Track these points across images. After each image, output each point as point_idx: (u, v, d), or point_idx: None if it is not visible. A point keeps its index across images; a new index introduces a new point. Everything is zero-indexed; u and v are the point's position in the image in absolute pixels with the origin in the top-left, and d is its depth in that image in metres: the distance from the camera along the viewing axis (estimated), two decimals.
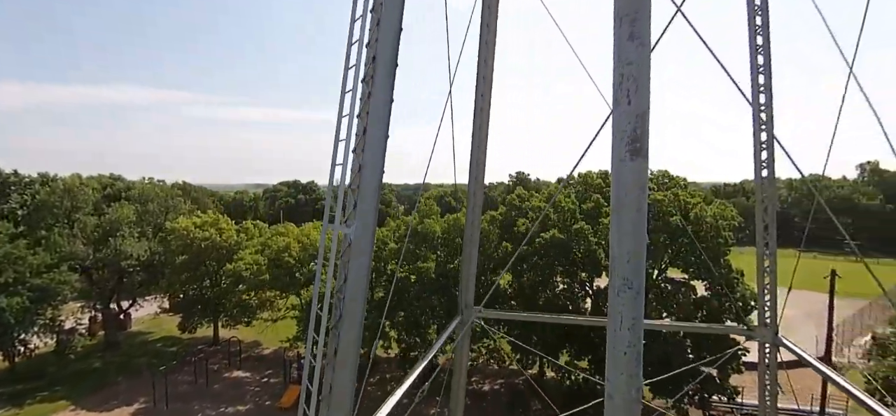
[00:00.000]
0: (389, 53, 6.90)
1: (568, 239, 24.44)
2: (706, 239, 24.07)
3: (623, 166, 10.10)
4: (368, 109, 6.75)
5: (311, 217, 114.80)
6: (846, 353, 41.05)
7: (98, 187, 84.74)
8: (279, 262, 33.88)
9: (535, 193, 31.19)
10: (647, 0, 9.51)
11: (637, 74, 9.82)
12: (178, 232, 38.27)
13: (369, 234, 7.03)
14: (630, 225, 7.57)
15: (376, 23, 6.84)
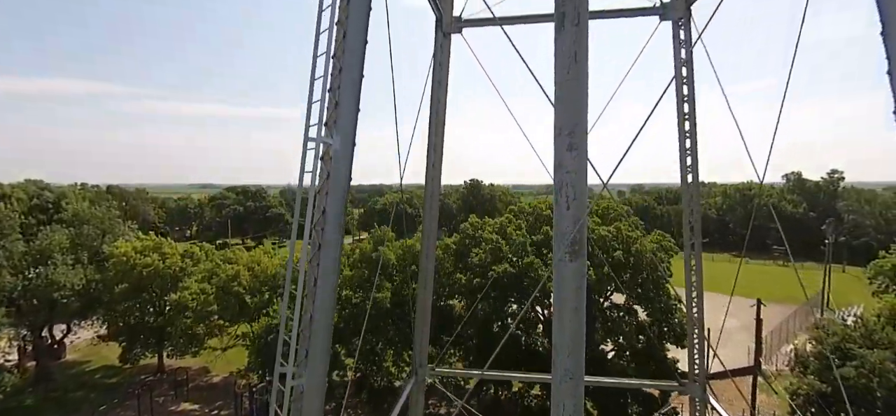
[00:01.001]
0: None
1: (519, 273, 25.22)
2: (647, 270, 25.48)
3: (563, 266, 10.67)
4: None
5: (261, 227, 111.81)
6: (774, 361, 44.29)
7: (24, 198, 79.20)
8: (228, 290, 32.92)
9: (488, 220, 31.82)
10: (583, 116, 10.14)
11: (575, 181, 10.43)
12: (118, 258, 36.43)
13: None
14: (569, 322, 8.11)
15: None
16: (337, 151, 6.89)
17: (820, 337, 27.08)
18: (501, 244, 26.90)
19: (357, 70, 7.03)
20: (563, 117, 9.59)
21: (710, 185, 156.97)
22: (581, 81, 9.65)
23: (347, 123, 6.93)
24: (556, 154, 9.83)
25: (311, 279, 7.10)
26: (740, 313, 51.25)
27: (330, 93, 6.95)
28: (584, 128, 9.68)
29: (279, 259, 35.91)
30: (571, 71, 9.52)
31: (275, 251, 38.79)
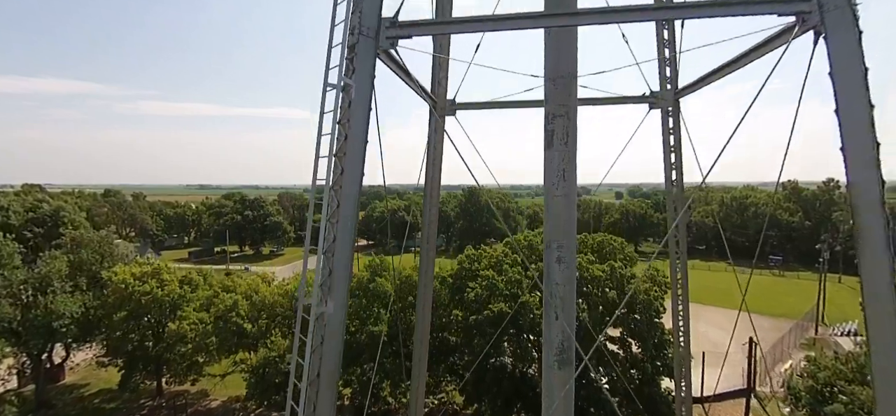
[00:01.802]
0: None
1: (515, 312, 25.51)
2: (640, 308, 25.79)
3: (551, 373, 10.97)
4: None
5: (260, 235, 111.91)
6: (769, 382, 44.58)
7: (21, 211, 79.19)
8: (227, 320, 33.13)
9: (485, 249, 32.09)
10: (571, 232, 10.41)
11: (564, 293, 10.70)
12: (116, 285, 36.61)
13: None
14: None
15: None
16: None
17: (811, 371, 27.39)
18: (497, 281, 27.17)
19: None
20: (553, 231, 9.89)
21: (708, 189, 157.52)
22: (570, 196, 9.94)
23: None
24: (545, 263, 10.11)
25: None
26: (738, 330, 51.52)
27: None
28: (572, 243, 9.97)
29: (277, 286, 36.12)
30: (560, 188, 9.82)
31: (273, 277, 38.96)
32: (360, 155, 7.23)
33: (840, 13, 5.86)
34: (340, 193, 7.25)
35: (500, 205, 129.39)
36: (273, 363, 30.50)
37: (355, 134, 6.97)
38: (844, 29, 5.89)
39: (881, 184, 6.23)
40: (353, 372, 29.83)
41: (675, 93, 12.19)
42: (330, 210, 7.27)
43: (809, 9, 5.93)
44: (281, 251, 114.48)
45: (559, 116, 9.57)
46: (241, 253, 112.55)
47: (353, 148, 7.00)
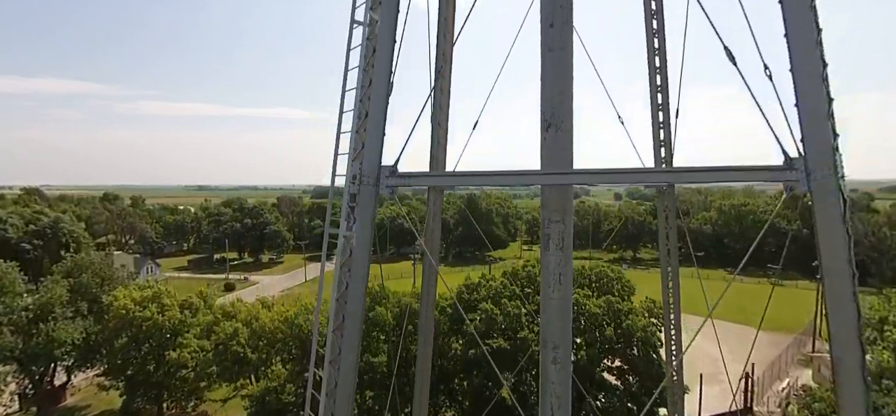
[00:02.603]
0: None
1: (513, 348, 25.74)
2: (638, 343, 26.05)
3: None
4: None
5: (259, 243, 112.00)
6: (766, 401, 44.85)
7: (19, 224, 79.29)
8: (227, 348, 33.35)
9: (484, 276, 32.31)
10: (567, 333, 10.65)
11: (560, 392, 10.94)
12: (117, 311, 36.79)
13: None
14: None
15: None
16: None
17: (807, 403, 27.69)
18: (495, 314, 27.40)
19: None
20: (549, 333, 10.11)
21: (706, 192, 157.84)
22: (566, 299, 10.16)
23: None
24: (542, 363, 10.34)
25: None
26: (733, 341, 51.48)
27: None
28: (568, 344, 10.20)
29: (277, 312, 36.34)
30: (556, 291, 10.04)
31: (273, 301, 39.18)
32: None
33: (827, 183, 6.10)
34: None
35: (500, 211, 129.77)
36: (273, 393, 30.70)
37: None
38: (830, 197, 6.13)
39: None
40: None
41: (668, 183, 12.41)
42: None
43: (797, 179, 6.16)
44: (280, 259, 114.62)
45: (555, 221, 9.78)
46: (240, 260, 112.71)
47: None
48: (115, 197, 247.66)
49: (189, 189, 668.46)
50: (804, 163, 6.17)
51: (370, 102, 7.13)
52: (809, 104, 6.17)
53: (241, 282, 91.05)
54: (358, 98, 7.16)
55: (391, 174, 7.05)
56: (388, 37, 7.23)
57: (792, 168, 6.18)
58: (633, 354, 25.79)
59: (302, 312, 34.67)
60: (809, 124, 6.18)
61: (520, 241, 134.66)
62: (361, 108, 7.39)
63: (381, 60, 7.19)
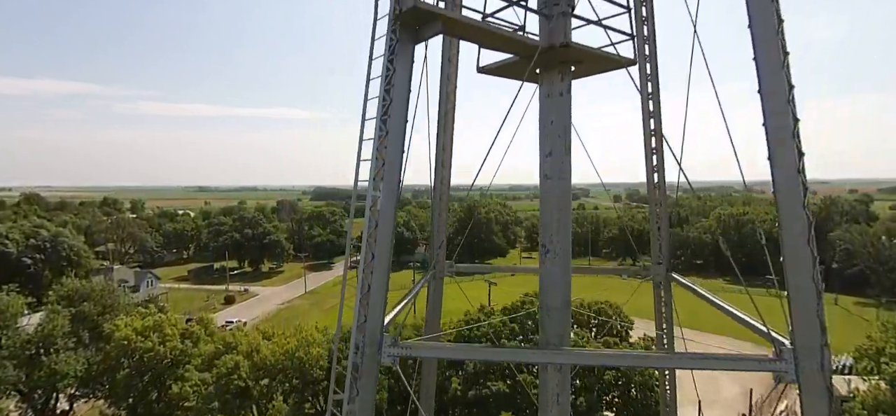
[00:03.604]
0: None
1: (513, 392, 25.94)
2: (636, 386, 26.27)
3: None
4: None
5: (258, 254, 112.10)
6: None
7: (20, 238, 79.44)
8: (228, 383, 33.49)
9: (484, 310, 32.49)
10: None
11: None
12: (118, 341, 36.95)
13: None
14: None
15: None
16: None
17: None
18: None
19: None
20: None
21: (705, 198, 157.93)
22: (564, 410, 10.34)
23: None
24: None
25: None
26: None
27: None
28: None
29: (278, 345, 36.44)
30: (554, 409, 10.24)
31: (272, 332, 39.26)
32: None
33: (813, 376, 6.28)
34: None
35: (499, 218, 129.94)
36: None
37: None
38: (817, 388, 6.30)
39: None
40: None
41: None
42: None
43: (786, 370, 6.34)
44: (280, 268, 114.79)
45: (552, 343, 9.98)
46: (240, 270, 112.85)
47: None
48: (114, 202, 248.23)
49: (189, 190, 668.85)
50: (793, 355, 6.34)
51: None
52: (801, 299, 6.42)
53: (240, 294, 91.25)
54: None
55: (393, 344, 7.23)
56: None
57: (781, 359, 6.36)
58: (631, 396, 26.00)
59: (302, 345, 34.89)
60: (799, 317, 6.37)
61: (519, 248, 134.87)
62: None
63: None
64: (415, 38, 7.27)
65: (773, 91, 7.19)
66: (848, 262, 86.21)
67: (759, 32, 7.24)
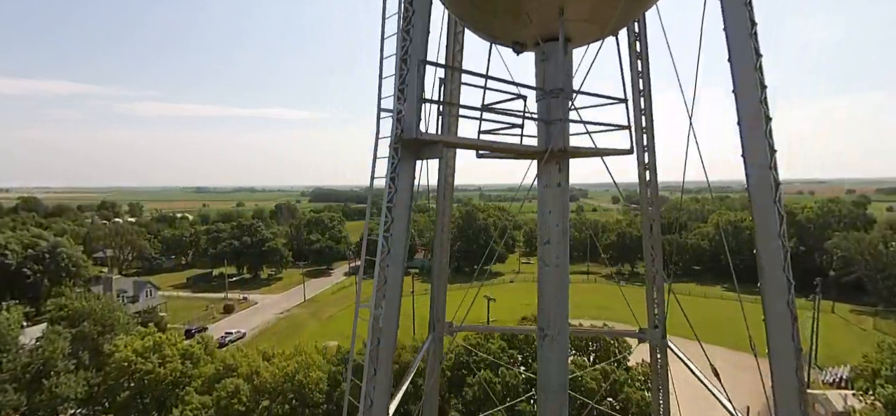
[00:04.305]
0: None
1: None
2: (635, 412, 26.46)
3: None
4: None
5: (257, 261, 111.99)
6: None
7: (18, 249, 79.32)
8: (229, 408, 33.62)
9: (482, 339, 32.62)
10: None
11: None
12: (118, 362, 37.06)
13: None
14: None
15: None
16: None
17: None
18: (494, 383, 27.77)
19: None
20: None
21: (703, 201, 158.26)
22: None
23: None
24: None
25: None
26: (729, 370, 51.07)
27: None
28: None
29: (277, 367, 36.55)
30: None
31: (272, 353, 39.38)
32: None
33: None
34: None
35: (497, 223, 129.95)
36: None
37: None
38: None
39: None
40: None
41: None
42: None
43: None
44: (279, 275, 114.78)
45: None
46: (239, 276, 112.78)
47: None
48: (112, 205, 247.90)
49: (187, 191, 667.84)
50: None
51: None
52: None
53: (239, 302, 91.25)
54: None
55: None
56: None
57: None
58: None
59: (301, 368, 35.05)
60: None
61: (518, 253, 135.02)
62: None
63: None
64: (416, 157, 7.45)
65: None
66: (845, 269, 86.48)
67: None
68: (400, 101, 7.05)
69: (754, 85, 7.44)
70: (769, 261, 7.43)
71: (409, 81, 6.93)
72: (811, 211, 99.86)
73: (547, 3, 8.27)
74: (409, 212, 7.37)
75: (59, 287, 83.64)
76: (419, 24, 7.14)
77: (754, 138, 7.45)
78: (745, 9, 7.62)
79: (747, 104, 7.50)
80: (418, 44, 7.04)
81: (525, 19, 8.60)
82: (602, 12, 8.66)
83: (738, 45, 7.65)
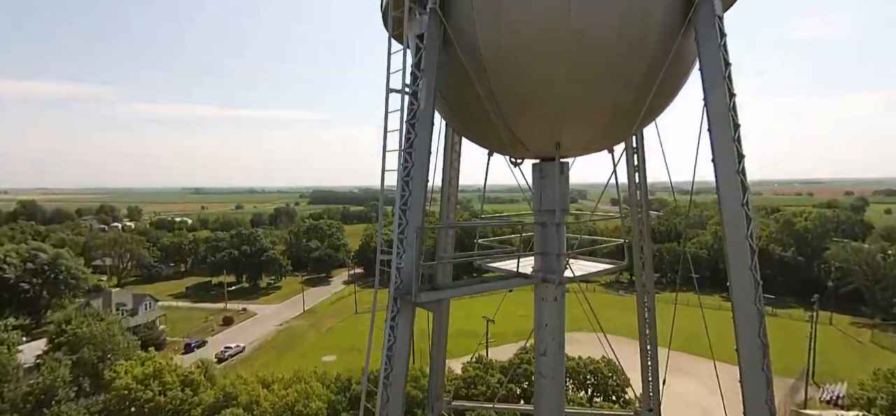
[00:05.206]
0: None
1: None
2: None
3: None
4: None
5: (256, 270, 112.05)
6: None
7: (18, 263, 79.36)
8: None
9: (483, 362, 32.79)
10: None
11: None
12: (119, 390, 37.15)
13: None
14: None
15: None
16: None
17: None
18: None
19: None
20: None
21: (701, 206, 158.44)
22: None
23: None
24: None
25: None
26: (725, 384, 51.29)
27: None
28: None
29: (277, 396, 36.71)
30: None
31: (272, 379, 39.50)
32: None
33: None
34: None
35: (496, 231, 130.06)
36: None
37: None
38: None
39: None
40: None
41: None
42: None
43: None
44: (278, 283, 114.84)
45: None
46: (238, 285, 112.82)
47: None
48: (111, 209, 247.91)
49: (186, 192, 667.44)
50: None
51: None
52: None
53: (238, 313, 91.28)
54: None
55: None
56: None
57: None
58: None
59: (300, 398, 35.18)
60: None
61: None
62: None
63: None
64: (415, 307, 7.59)
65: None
66: (843, 281, 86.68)
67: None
68: (399, 256, 7.18)
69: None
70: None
71: (407, 245, 7.08)
72: (809, 220, 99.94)
73: (543, 138, 8.41)
74: (407, 358, 7.51)
75: (58, 299, 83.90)
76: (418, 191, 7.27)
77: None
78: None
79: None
80: (416, 212, 7.17)
81: (522, 147, 8.74)
82: (596, 141, 8.81)
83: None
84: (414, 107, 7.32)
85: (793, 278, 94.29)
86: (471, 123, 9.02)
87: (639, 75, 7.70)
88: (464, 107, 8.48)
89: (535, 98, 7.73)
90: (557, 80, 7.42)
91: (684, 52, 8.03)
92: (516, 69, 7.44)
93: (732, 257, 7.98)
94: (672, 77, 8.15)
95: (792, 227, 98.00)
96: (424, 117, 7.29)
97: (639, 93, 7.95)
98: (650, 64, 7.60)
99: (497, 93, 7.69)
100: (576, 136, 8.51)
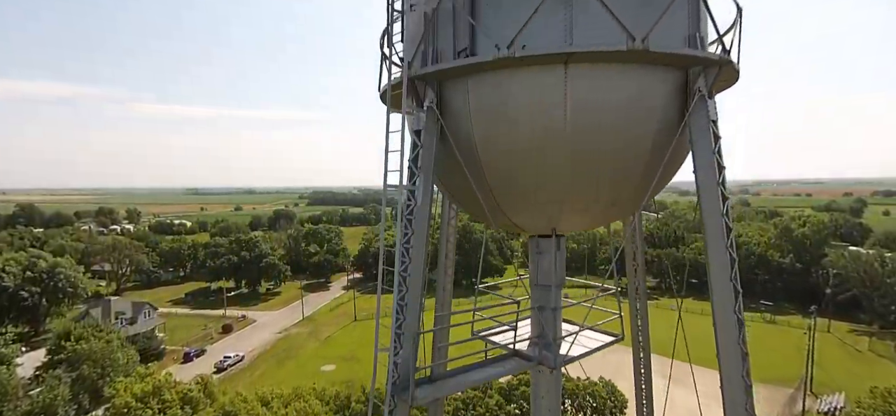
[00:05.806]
0: None
1: None
2: None
3: None
4: None
5: (256, 276, 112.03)
6: None
7: (17, 271, 79.31)
8: None
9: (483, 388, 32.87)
10: None
11: None
12: (118, 408, 37.21)
13: None
14: None
15: None
16: None
17: None
18: None
19: None
20: None
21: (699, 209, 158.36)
22: None
23: None
24: None
25: None
26: None
27: None
28: None
29: (275, 413, 36.83)
30: None
31: (271, 395, 39.61)
32: None
33: None
34: None
35: (495, 235, 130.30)
36: None
37: None
38: None
39: None
40: None
41: None
42: None
43: None
44: (278, 289, 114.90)
45: None
46: (237, 290, 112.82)
47: None
48: (109, 211, 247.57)
49: (185, 193, 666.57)
50: None
51: None
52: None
53: (238, 321, 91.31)
54: None
55: None
56: None
57: None
58: None
59: None
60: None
61: (516, 263, 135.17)
62: None
63: None
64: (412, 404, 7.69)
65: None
66: (841, 287, 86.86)
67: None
68: (396, 352, 7.26)
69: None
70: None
71: (404, 341, 7.17)
72: (807, 226, 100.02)
73: (540, 223, 8.49)
74: None
75: (58, 307, 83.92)
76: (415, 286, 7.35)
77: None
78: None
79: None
80: (413, 317, 7.26)
81: (519, 228, 8.81)
82: (595, 222, 8.89)
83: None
84: (411, 204, 7.40)
85: (791, 284, 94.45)
86: (467, 203, 9.12)
87: (637, 175, 7.83)
88: (460, 190, 8.57)
89: (531, 192, 7.84)
90: (554, 178, 7.53)
91: (682, 145, 8.13)
92: (513, 167, 7.55)
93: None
94: (670, 168, 8.25)
95: (790, 233, 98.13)
96: (421, 214, 7.38)
97: (638, 183, 8.07)
98: (647, 163, 7.72)
99: (493, 187, 7.80)
100: (573, 222, 8.60)
